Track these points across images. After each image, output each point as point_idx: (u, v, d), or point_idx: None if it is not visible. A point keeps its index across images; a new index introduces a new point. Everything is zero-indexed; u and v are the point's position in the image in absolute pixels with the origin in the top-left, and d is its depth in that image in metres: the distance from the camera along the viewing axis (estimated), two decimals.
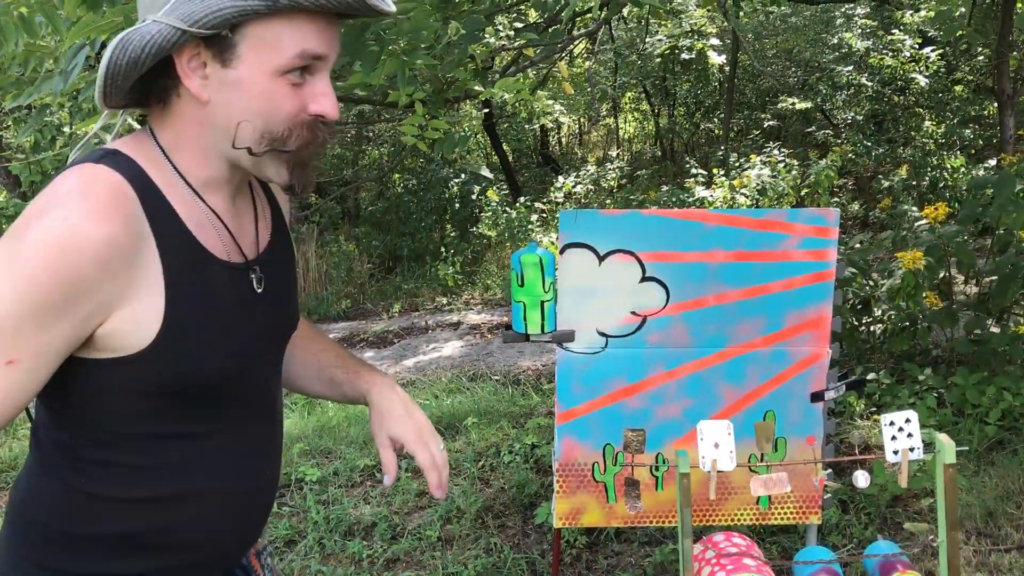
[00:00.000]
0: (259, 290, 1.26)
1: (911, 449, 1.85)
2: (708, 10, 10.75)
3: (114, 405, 1.15)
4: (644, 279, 2.33)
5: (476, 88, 2.50)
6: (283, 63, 1.10)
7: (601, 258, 2.31)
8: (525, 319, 2.34)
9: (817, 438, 2.35)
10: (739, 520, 2.44)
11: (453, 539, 3.48)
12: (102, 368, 1.12)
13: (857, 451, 2.10)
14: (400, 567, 3.32)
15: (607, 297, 2.34)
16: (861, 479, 1.92)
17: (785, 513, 2.45)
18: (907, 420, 1.86)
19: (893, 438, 1.86)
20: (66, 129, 9.79)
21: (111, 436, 1.17)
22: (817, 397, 2.40)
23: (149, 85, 1.16)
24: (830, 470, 2.47)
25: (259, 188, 1.36)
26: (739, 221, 2.32)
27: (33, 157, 7.88)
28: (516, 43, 3.20)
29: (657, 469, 2.42)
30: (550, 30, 3.20)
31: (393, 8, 1.18)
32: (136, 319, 1.10)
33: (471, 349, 7.18)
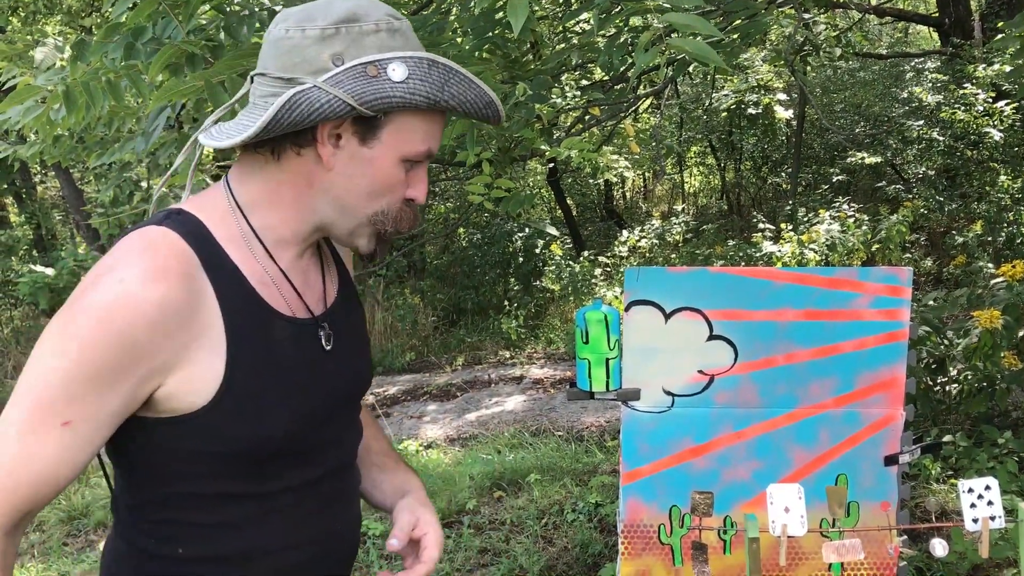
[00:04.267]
0: (328, 347, 1.24)
1: (992, 517, 1.78)
2: (775, 65, 10.75)
3: (175, 464, 1.14)
4: (711, 337, 2.30)
5: (542, 147, 2.53)
6: (411, 154, 1.16)
7: (667, 316, 2.29)
8: (590, 376, 2.32)
9: (891, 503, 2.28)
10: None
11: None
12: (161, 428, 1.12)
13: (934, 517, 2.02)
14: None
15: (673, 355, 2.31)
16: (939, 548, 1.85)
17: None
18: (987, 487, 1.79)
19: (972, 506, 1.80)
20: (143, 184, 10.15)
21: (174, 496, 1.16)
22: (891, 461, 2.33)
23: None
24: (905, 536, 2.38)
25: (323, 243, 1.35)
26: (809, 279, 2.28)
27: (112, 211, 8.17)
28: (582, 102, 3.24)
29: (725, 532, 2.36)
30: (616, 88, 3.24)
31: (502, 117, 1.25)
32: (194, 380, 1.09)
33: (534, 404, 7.15)
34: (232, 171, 1.22)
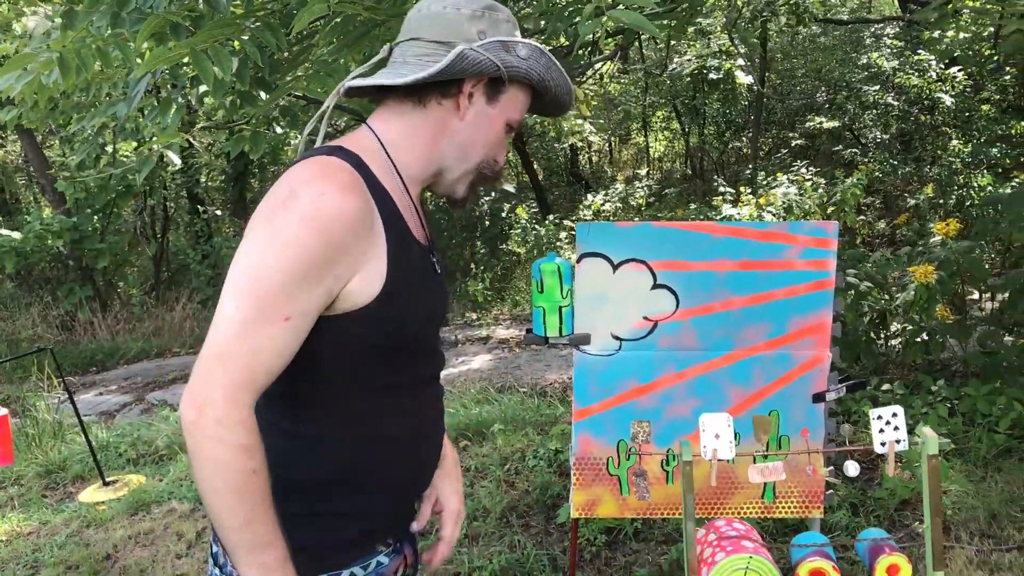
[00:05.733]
0: (438, 271, 1.52)
1: (897, 441, 2.01)
2: (734, 31, 10.91)
3: (339, 356, 1.35)
4: (655, 287, 2.50)
5: None
6: (513, 120, 1.49)
7: (615, 267, 2.49)
8: (544, 323, 2.52)
9: (810, 430, 2.51)
10: (745, 513, 2.59)
11: (479, 536, 3.65)
12: (336, 323, 1.32)
13: (847, 442, 2.25)
14: None
15: (621, 303, 2.51)
16: (851, 468, 2.07)
17: (789, 507, 2.60)
18: (893, 414, 2.01)
19: (880, 431, 2.02)
20: (108, 148, 10.13)
21: (332, 384, 1.37)
22: (819, 398, 2.56)
23: (421, 89, 1.44)
24: (832, 467, 2.62)
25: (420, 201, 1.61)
26: (744, 233, 2.48)
27: (78, 175, 8.19)
28: None
29: (668, 464, 2.58)
30: (574, 54, 3.38)
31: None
32: (367, 280, 1.31)
33: (499, 362, 7.36)
34: (374, 118, 1.47)
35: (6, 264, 9.83)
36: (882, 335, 4.95)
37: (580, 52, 3.60)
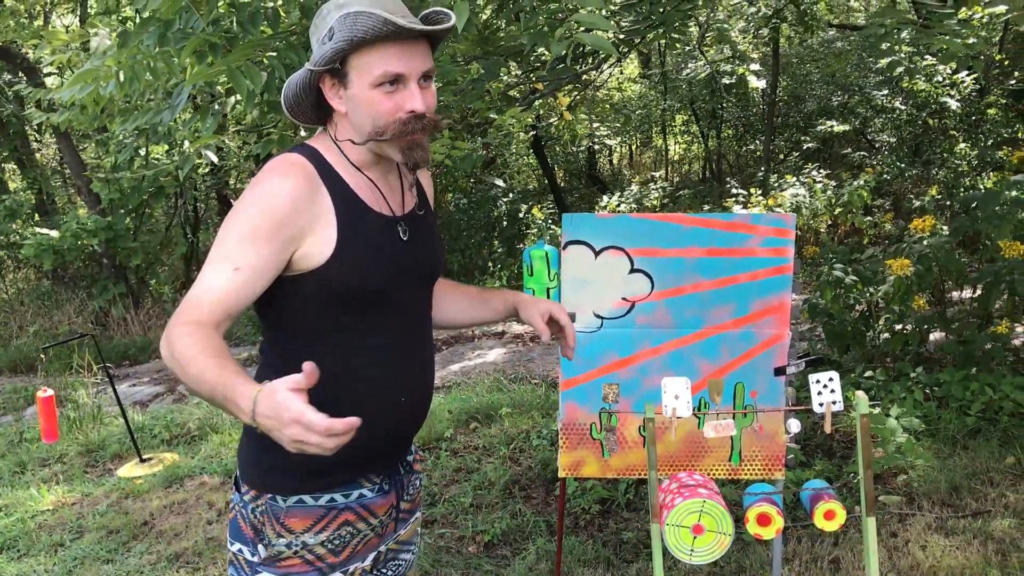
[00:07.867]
0: (404, 238, 1.78)
1: (833, 402, 2.31)
2: (744, 37, 11.17)
3: (303, 307, 1.67)
4: (632, 271, 2.82)
5: (491, 116, 3.05)
6: (373, 79, 1.60)
7: (597, 253, 2.81)
8: None
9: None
10: (713, 474, 2.90)
11: (483, 505, 3.98)
12: (296, 281, 1.65)
13: (789, 403, 2.56)
14: (436, 526, 3.83)
15: (602, 285, 2.83)
16: (793, 425, 2.39)
17: (753, 469, 2.90)
18: (830, 379, 2.31)
19: (819, 393, 2.32)
20: (142, 152, 10.56)
21: (301, 330, 1.70)
22: (780, 371, 2.86)
23: (325, 108, 1.73)
24: (792, 433, 2.92)
25: (407, 172, 1.88)
26: (711, 223, 2.80)
27: (112, 176, 8.59)
28: (530, 77, 3.74)
29: (644, 429, 2.89)
30: (561, 67, 3.73)
31: (451, 21, 1.69)
32: (318, 245, 1.63)
33: (513, 356, 7.67)
34: (329, 124, 1.76)
35: (44, 262, 10.27)
36: (872, 327, 5.23)
37: (563, 65, 3.93)
